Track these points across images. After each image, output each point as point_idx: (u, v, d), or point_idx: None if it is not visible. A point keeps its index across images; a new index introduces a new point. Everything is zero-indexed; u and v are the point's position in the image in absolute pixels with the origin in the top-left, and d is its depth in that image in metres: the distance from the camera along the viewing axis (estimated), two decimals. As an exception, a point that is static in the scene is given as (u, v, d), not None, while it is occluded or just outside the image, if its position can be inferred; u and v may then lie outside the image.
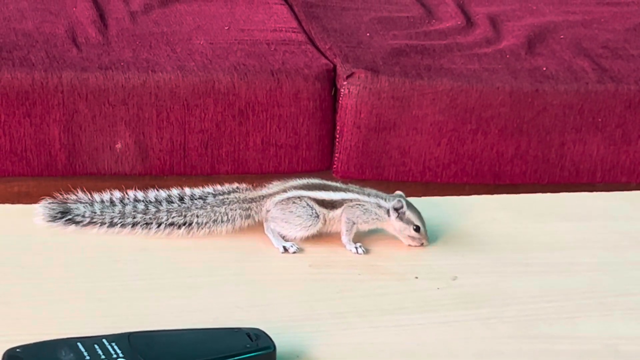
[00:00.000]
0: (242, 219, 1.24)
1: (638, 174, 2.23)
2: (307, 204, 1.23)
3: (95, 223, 1.22)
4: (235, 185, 1.27)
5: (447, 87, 2.15)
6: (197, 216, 1.23)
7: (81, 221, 1.22)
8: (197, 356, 1.01)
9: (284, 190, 1.25)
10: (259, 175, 2.13)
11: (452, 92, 2.14)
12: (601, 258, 1.25)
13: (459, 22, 2.37)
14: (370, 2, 2.44)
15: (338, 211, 1.22)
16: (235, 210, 1.24)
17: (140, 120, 2.09)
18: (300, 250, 1.21)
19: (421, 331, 1.11)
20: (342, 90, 2.14)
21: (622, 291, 1.19)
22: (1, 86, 2.03)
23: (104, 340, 1.00)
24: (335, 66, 2.17)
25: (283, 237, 1.22)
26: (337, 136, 2.16)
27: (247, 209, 1.24)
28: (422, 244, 1.23)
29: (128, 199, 1.25)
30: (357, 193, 1.24)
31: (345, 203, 1.23)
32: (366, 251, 1.22)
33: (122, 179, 2.11)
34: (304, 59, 2.17)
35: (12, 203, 1.29)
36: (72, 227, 1.21)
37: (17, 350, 0.98)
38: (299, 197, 1.24)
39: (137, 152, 2.10)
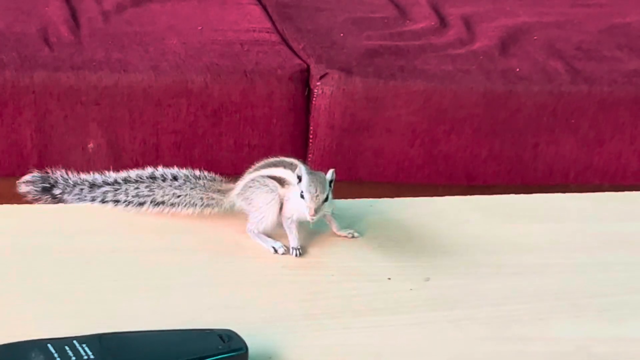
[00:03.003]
0: (202, 206, 1.26)
1: (611, 175, 2.24)
2: (259, 182, 1.23)
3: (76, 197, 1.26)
4: (211, 175, 1.28)
5: (421, 88, 2.15)
6: (164, 195, 1.26)
7: (61, 195, 1.25)
8: (169, 358, 1.01)
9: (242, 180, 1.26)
10: (232, 176, 2.13)
11: (426, 93, 2.15)
12: (574, 259, 1.26)
13: (433, 23, 2.37)
14: (344, 2, 2.44)
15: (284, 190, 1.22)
16: (198, 195, 1.25)
17: (112, 121, 2.09)
18: (287, 251, 1.21)
19: (393, 333, 1.11)
20: (316, 90, 2.14)
21: (594, 292, 1.20)
22: (-27, 86, 2.03)
23: (75, 342, 1.00)
24: (308, 67, 2.17)
25: (263, 228, 1.22)
26: (311, 137, 2.16)
27: (210, 198, 1.26)
28: (311, 217, 1.18)
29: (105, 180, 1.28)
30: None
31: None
32: (287, 251, 1.21)
33: (94, 180, 2.11)
34: (278, 60, 2.17)
35: (-17, 204, 1.29)
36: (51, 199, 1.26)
37: (-10, 351, 0.98)
38: (251, 180, 1.24)
39: (109, 152, 2.09)
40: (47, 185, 1.28)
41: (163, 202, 1.26)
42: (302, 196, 1.18)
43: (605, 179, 2.24)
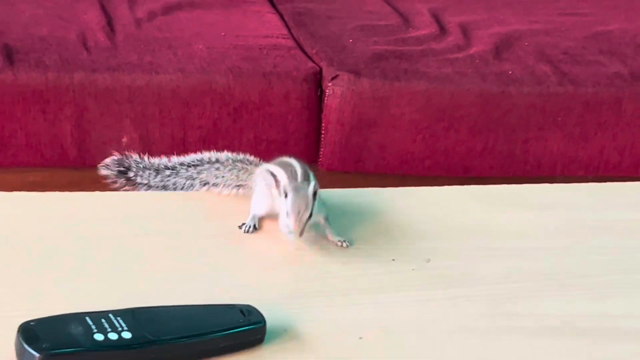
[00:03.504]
0: (235, 187, 1.27)
1: (594, 167, 2.24)
2: (262, 176, 1.23)
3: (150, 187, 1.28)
4: (252, 158, 1.28)
5: (422, 88, 2.15)
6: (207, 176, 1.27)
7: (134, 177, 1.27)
8: (195, 330, 1.01)
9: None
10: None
11: (427, 93, 2.15)
12: (561, 243, 1.26)
13: (433, 30, 2.37)
14: (353, 11, 2.44)
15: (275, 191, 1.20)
16: (233, 176, 1.27)
17: (144, 117, 2.09)
18: (254, 230, 1.21)
19: (397, 309, 1.11)
20: (327, 91, 2.14)
21: (580, 273, 1.20)
22: (18, 85, 2.03)
23: (110, 315, 1.00)
24: (321, 69, 2.17)
25: (255, 214, 1.22)
26: (323, 132, 2.16)
27: (243, 180, 1.26)
28: (296, 235, 1.16)
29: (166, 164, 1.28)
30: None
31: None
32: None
33: (128, 170, 2.11)
34: (293, 63, 2.17)
35: (27, 191, 1.29)
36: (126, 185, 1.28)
37: (32, 323, 0.98)
38: (260, 171, 1.24)
39: (141, 146, 2.09)
40: (123, 168, 1.28)
41: (207, 183, 1.27)
42: (287, 214, 1.16)
43: (589, 171, 2.23)
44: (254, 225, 1.22)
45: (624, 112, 2.21)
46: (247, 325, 1.03)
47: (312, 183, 1.18)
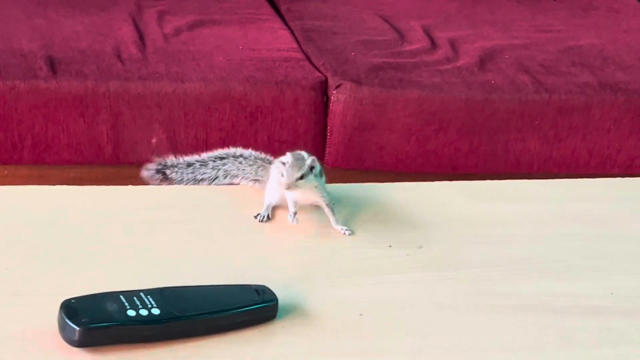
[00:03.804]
0: (253, 180, 1.28)
1: (566, 165, 2.24)
2: (276, 168, 1.22)
3: (182, 181, 1.28)
4: (271, 158, 1.28)
5: (415, 96, 2.15)
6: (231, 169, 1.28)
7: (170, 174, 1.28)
8: (216, 307, 1.01)
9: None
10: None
11: (419, 100, 2.15)
12: (537, 232, 1.26)
13: (425, 45, 2.37)
14: (354, 28, 2.44)
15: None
16: (253, 171, 1.28)
17: (171, 121, 2.09)
18: (268, 219, 1.21)
19: (393, 289, 1.11)
20: (332, 98, 2.14)
21: (554, 258, 1.20)
22: (61, 92, 2.03)
23: (141, 294, 1.00)
24: (326, 79, 2.17)
25: (269, 202, 1.22)
26: (328, 134, 2.17)
27: (260, 175, 1.27)
28: (285, 188, 1.17)
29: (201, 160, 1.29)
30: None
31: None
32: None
33: (157, 167, 2.12)
34: (302, 73, 2.17)
35: (68, 185, 1.30)
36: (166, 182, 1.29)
37: (72, 301, 0.98)
38: (273, 164, 1.24)
39: (168, 146, 2.10)
40: (160, 167, 1.29)
41: (229, 174, 1.28)
42: (282, 174, 1.17)
43: (561, 169, 2.23)
44: (268, 216, 1.22)
45: (592, 117, 2.21)
46: (261, 303, 1.03)
47: (311, 158, 1.18)
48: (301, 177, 1.16)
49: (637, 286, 1.16)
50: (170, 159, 1.30)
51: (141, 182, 1.31)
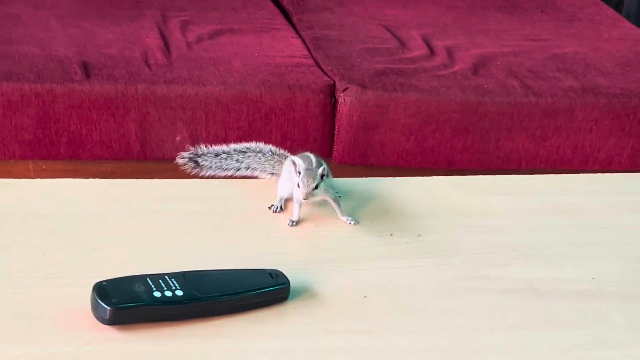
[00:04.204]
0: (270, 173, 1.28)
1: (552, 162, 2.23)
2: (287, 166, 1.22)
3: (210, 168, 1.28)
4: (287, 153, 1.28)
5: (415, 98, 2.15)
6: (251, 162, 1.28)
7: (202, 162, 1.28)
8: (233, 289, 1.01)
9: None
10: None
11: (418, 102, 2.15)
12: (525, 222, 1.26)
13: (424, 52, 2.37)
14: (359, 37, 2.44)
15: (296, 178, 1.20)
16: (270, 165, 1.28)
17: (193, 120, 2.09)
18: (281, 210, 1.21)
19: (394, 273, 1.11)
20: (339, 100, 2.14)
21: (540, 246, 1.20)
22: (94, 94, 2.03)
23: (166, 277, 1.00)
24: (334, 83, 2.17)
25: (281, 196, 1.22)
26: (336, 133, 2.16)
27: (275, 169, 1.27)
28: (303, 199, 1.16)
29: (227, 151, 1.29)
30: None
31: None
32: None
33: (180, 162, 2.12)
34: (312, 77, 2.17)
35: (100, 178, 1.30)
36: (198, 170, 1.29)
37: (104, 283, 0.98)
38: (287, 160, 1.24)
39: (191, 143, 2.09)
40: (192, 155, 1.29)
41: (249, 167, 1.28)
42: (298, 185, 1.17)
43: (547, 165, 2.23)
44: (281, 207, 1.22)
45: (575, 118, 2.20)
46: (275, 286, 1.03)
47: (322, 167, 1.18)
48: (316, 187, 1.17)
49: (617, 271, 1.16)
50: (202, 149, 1.30)
51: (166, 176, 1.31)
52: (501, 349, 1.00)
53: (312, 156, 1.22)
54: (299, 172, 1.17)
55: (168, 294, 0.98)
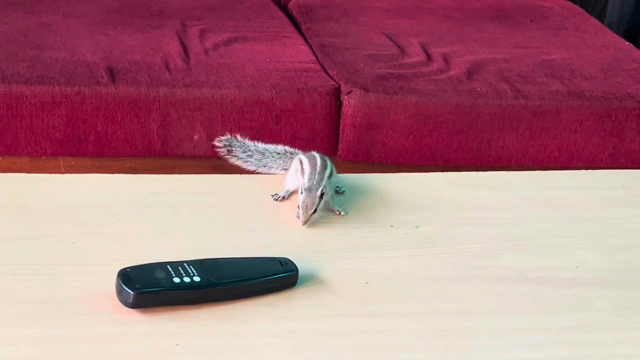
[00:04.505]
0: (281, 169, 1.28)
1: (540, 159, 2.23)
2: (295, 164, 1.22)
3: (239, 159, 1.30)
4: (298, 152, 1.29)
5: (414, 101, 2.14)
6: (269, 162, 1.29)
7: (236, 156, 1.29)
8: (246, 275, 1.01)
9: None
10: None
11: (417, 104, 2.14)
12: (515, 215, 1.26)
13: (422, 58, 2.36)
14: (363, 44, 2.43)
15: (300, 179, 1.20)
16: (282, 162, 1.29)
17: (210, 121, 2.09)
18: (283, 199, 1.22)
19: (394, 261, 1.11)
20: (344, 102, 2.14)
21: (528, 237, 1.20)
22: (119, 96, 2.03)
23: (185, 264, 1.00)
24: (339, 86, 2.16)
25: (287, 191, 1.22)
26: (341, 133, 2.16)
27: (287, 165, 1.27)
28: (302, 224, 1.15)
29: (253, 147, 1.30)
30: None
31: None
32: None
33: (197, 159, 2.12)
34: (319, 81, 2.17)
35: (125, 173, 1.30)
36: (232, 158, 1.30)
37: (128, 269, 0.98)
38: (296, 159, 1.24)
39: (207, 142, 2.10)
40: (227, 142, 1.31)
41: (266, 165, 1.29)
42: (299, 207, 1.15)
43: (535, 162, 2.23)
44: (284, 197, 1.22)
45: (561, 119, 2.20)
46: (284, 273, 1.03)
47: (320, 188, 1.16)
48: (314, 212, 1.15)
49: (599, 260, 1.15)
50: (236, 139, 1.31)
51: (185, 172, 1.31)
52: (493, 331, 1.00)
53: (317, 157, 1.22)
54: (301, 191, 1.16)
55: (186, 279, 0.98)
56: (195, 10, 2.55)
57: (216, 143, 1.31)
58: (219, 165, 2.15)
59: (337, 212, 1.20)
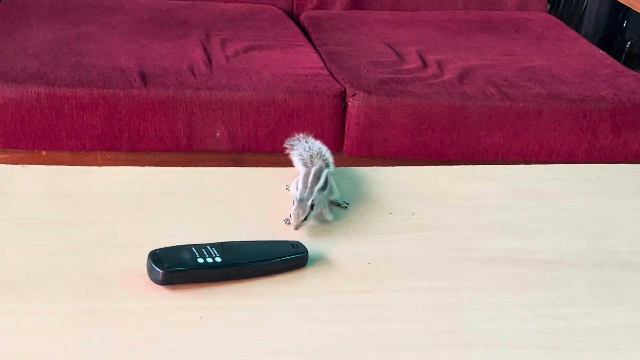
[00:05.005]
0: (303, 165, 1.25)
1: (523, 154, 2.22)
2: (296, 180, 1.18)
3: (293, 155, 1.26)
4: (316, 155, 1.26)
5: (411, 102, 2.14)
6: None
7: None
8: (262, 256, 1.01)
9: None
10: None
11: (414, 105, 2.14)
12: (499, 203, 1.25)
13: (419, 65, 2.36)
14: (366, 52, 2.43)
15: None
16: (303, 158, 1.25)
17: (230, 119, 2.09)
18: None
19: (393, 244, 1.11)
20: (349, 103, 2.14)
21: (512, 223, 1.19)
22: (150, 98, 2.04)
23: (208, 246, 1.00)
24: (345, 89, 2.16)
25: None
26: (346, 130, 2.16)
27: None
28: (293, 229, 1.09)
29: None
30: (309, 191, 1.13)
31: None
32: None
33: (219, 154, 2.12)
34: (327, 85, 2.16)
35: (155, 166, 1.30)
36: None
37: (157, 251, 0.99)
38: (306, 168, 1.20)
39: (228, 138, 2.10)
40: (294, 142, 1.28)
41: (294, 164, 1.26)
42: (290, 215, 1.10)
43: (519, 157, 2.22)
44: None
45: (542, 119, 2.19)
46: (296, 254, 1.03)
47: (311, 199, 1.10)
48: (305, 219, 1.09)
49: (575, 244, 1.15)
50: (299, 142, 1.27)
51: (207, 165, 1.31)
52: (480, 306, 1.00)
53: (312, 173, 1.16)
54: (293, 202, 1.10)
55: (209, 260, 0.98)
56: (217, 21, 2.55)
57: (290, 139, 1.27)
58: (238, 159, 2.17)
59: (329, 219, 1.15)
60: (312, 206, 1.11)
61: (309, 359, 0.90)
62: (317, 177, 1.16)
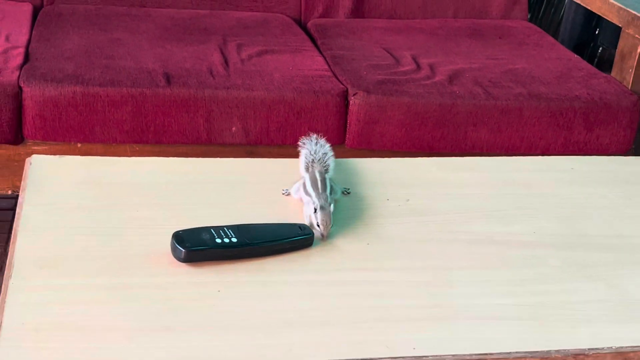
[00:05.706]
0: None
1: (506, 148, 2.21)
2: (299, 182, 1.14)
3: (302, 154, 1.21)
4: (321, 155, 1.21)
5: (406, 101, 2.13)
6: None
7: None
8: (273, 237, 1.02)
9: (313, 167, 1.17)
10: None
11: (408, 104, 2.13)
12: (485, 191, 1.25)
13: (413, 67, 2.35)
14: (366, 56, 2.42)
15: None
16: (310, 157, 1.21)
17: (245, 116, 2.09)
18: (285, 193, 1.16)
19: (390, 227, 1.11)
20: (351, 102, 2.13)
21: (496, 208, 1.19)
22: (173, 97, 2.03)
23: (225, 228, 1.01)
24: (347, 89, 2.15)
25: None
26: (348, 126, 2.16)
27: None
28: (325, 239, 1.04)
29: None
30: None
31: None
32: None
33: (235, 146, 2.12)
34: (331, 85, 2.16)
35: (177, 157, 1.30)
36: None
37: (180, 232, 0.99)
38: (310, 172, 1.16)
39: (243, 132, 2.10)
40: (308, 140, 1.22)
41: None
42: (318, 225, 1.03)
43: (502, 150, 2.21)
44: (289, 193, 1.15)
45: (523, 116, 2.18)
46: (303, 235, 1.03)
47: (330, 203, 1.07)
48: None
49: (552, 227, 1.15)
50: (312, 143, 1.21)
51: (226, 155, 1.30)
52: (467, 283, 1.00)
53: (318, 178, 1.12)
54: (315, 209, 1.05)
55: (226, 240, 0.98)
56: (234, 28, 2.54)
57: (302, 139, 1.21)
58: (252, 151, 2.16)
59: (344, 192, 1.17)
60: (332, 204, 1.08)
61: (314, 329, 0.90)
62: (324, 183, 1.13)
